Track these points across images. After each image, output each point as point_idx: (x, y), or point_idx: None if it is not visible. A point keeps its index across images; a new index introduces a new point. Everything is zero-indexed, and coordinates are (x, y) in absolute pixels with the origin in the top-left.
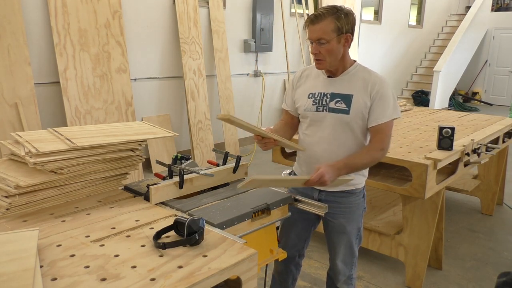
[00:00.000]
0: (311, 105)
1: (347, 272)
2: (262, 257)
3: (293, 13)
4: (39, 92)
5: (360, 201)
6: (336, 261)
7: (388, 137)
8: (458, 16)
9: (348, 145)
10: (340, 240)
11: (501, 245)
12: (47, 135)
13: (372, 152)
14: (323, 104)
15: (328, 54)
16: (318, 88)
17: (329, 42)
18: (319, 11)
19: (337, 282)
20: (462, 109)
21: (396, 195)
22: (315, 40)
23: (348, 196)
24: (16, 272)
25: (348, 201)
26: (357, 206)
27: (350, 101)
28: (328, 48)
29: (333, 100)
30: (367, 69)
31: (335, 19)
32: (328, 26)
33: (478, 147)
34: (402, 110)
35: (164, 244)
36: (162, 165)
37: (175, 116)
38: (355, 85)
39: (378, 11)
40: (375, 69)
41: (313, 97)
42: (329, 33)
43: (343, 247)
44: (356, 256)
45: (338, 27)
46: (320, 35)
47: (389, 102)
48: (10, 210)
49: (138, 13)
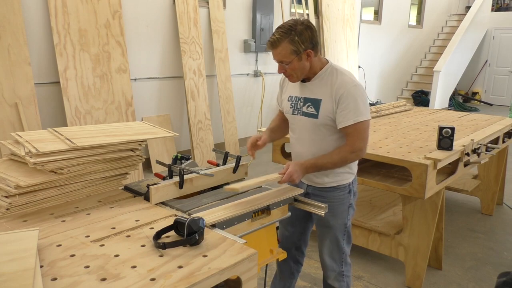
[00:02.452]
0: (289, 108)
1: (336, 268)
2: (262, 257)
3: (293, 13)
4: (39, 92)
5: (345, 197)
6: (324, 256)
7: (360, 139)
8: (458, 16)
9: (324, 145)
10: (325, 234)
11: (501, 245)
12: (47, 135)
13: (342, 153)
14: (298, 108)
15: (294, 71)
16: (295, 92)
17: (291, 62)
18: (274, 36)
19: (328, 279)
20: (462, 109)
21: (396, 195)
22: (278, 62)
23: (333, 191)
24: (16, 272)
25: (332, 196)
26: (341, 201)
27: (319, 105)
28: (292, 67)
29: (306, 104)
30: (336, 70)
31: (289, 42)
32: (285, 50)
33: (478, 147)
34: (402, 110)
35: (164, 244)
36: (162, 165)
37: (175, 116)
38: (324, 89)
39: (378, 11)
40: (375, 69)
41: (291, 101)
42: (288, 56)
43: (328, 241)
44: (345, 253)
45: (293, 50)
46: (280, 59)
47: (354, 104)
48: (10, 210)
49: (138, 13)
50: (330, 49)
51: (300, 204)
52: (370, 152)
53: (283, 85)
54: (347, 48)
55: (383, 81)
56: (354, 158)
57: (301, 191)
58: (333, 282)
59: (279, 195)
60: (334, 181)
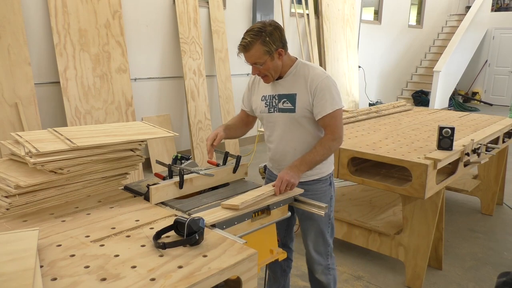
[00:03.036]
0: (264, 107)
1: (323, 262)
2: (262, 257)
3: (293, 13)
4: (39, 92)
5: (327, 188)
6: (309, 250)
7: (338, 127)
8: (458, 16)
9: (303, 139)
10: (309, 227)
11: (501, 245)
12: (47, 135)
13: (325, 143)
14: (273, 106)
15: (268, 71)
16: (268, 91)
17: (265, 63)
18: (246, 40)
19: (315, 273)
20: (462, 109)
21: (396, 195)
22: (252, 64)
23: (315, 183)
24: (16, 272)
25: (315, 188)
26: (324, 193)
27: (294, 99)
28: (266, 68)
29: (281, 100)
30: (307, 65)
31: (261, 44)
32: (258, 51)
33: (478, 147)
34: (402, 110)
35: (164, 244)
36: (162, 165)
37: (175, 116)
38: (298, 84)
39: (378, 11)
40: (375, 69)
41: (265, 100)
42: (261, 57)
43: (313, 234)
44: (330, 246)
45: (266, 50)
46: (254, 60)
47: (329, 94)
48: (10, 210)
49: (138, 13)
50: (330, 49)
51: (300, 204)
52: (370, 152)
53: (253, 87)
54: (347, 48)
55: (383, 81)
56: (336, 145)
57: (301, 191)
58: (320, 276)
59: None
60: (316, 174)
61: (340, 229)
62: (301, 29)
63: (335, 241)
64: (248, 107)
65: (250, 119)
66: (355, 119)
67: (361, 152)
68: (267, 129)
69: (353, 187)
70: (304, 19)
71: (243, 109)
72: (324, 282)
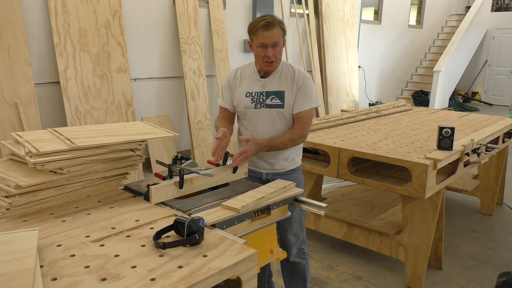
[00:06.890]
0: (249, 103)
1: (298, 245)
2: (262, 257)
3: (293, 13)
4: (39, 92)
5: (301, 177)
6: (288, 235)
7: (308, 124)
8: (458, 16)
9: (283, 130)
10: (293, 214)
11: (501, 245)
12: (47, 135)
13: (292, 135)
14: (260, 102)
15: (279, 55)
16: (254, 88)
17: (281, 45)
18: (268, 19)
19: (290, 256)
20: (462, 109)
21: (396, 195)
22: (272, 44)
23: (292, 173)
24: (16, 272)
25: (292, 178)
26: (299, 181)
27: (283, 96)
28: (279, 50)
29: (269, 97)
30: (290, 65)
31: (279, 25)
32: (278, 31)
33: (478, 147)
34: (402, 110)
35: (164, 244)
36: (162, 165)
37: (175, 116)
38: (285, 82)
39: (378, 11)
40: (375, 69)
41: (250, 96)
42: (280, 37)
43: (293, 220)
44: (304, 231)
45: (284, 31)
46: (275, 40)
47: (310, 93)
48: (10, 210)
49: (138, 13)
50: (330, 49)
51: (300, 204)
52: (370, 152)
53: (234, 83)
54: (347, 48)
55: (383, 81)
56: (300, 141)
57: (301, 191)
58: (295, 259)
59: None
60: (292, 164)
61: (340, 229)
62: (301, 29)
63: (335, 241)
64: (229, 104)
65: (232, 116)
66: (355, 119)
67: (361, 152)
68: (250, 125)
69: (353, 187)
70: (304, 19)
71: (225, 107)
72: (300, 263)
